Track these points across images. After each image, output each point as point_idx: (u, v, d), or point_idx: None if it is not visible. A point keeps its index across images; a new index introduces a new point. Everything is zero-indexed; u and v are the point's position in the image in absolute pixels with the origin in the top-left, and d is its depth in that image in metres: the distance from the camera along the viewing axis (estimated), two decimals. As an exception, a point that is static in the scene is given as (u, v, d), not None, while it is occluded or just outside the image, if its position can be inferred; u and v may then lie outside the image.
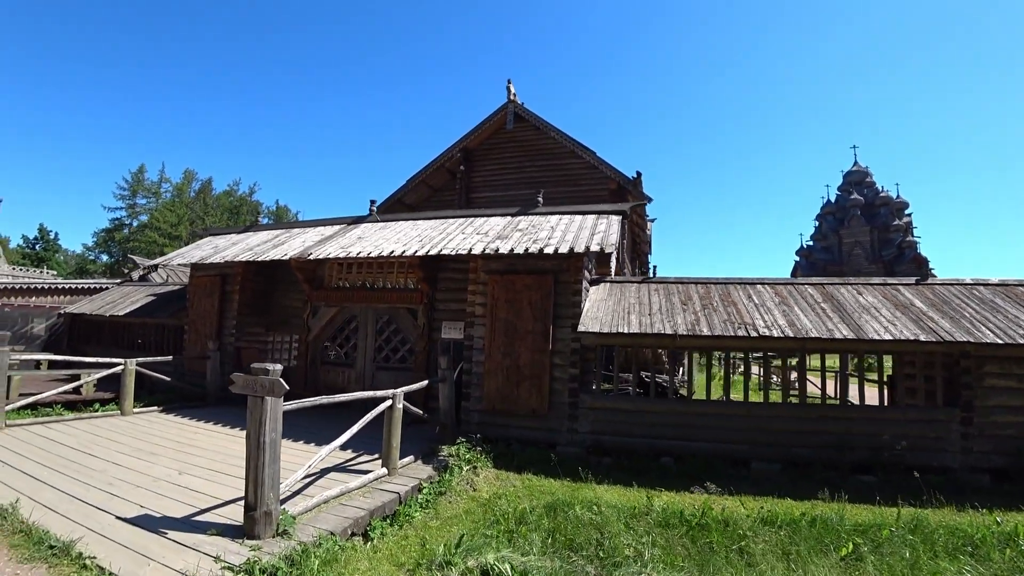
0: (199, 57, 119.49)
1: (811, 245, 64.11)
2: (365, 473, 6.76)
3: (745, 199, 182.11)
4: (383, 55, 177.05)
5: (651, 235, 22.04)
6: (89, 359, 10.96)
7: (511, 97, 19.56)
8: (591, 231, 9.85)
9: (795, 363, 14.51)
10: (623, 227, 11.33)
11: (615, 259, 12.48)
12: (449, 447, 8.35)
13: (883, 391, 10.72)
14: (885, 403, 10.46)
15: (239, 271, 12.83)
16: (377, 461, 7.39)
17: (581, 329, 9.16)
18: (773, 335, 8.93)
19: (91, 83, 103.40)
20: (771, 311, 9.79)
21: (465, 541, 4.84)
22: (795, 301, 10.24)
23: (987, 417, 8.65)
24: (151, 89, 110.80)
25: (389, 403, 6.96)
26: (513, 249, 9.30)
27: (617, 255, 12.33)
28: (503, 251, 9.30)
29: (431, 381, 8.89)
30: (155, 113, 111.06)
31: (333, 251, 10.82)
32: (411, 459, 7.73)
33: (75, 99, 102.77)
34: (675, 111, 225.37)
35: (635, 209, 13.17)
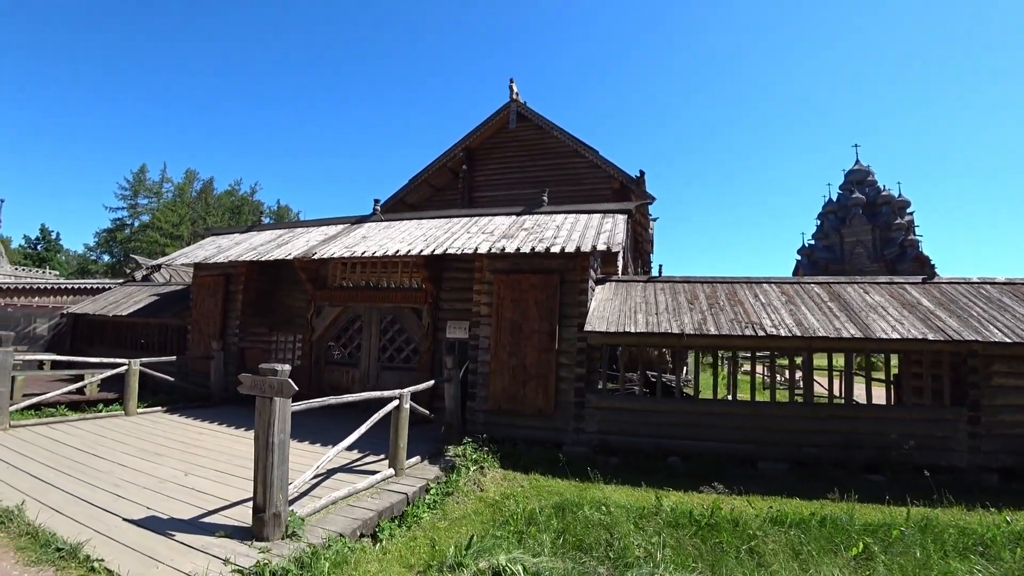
0: (200, 57, 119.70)
1: (813, 244, 64.00)
2: (372, 474, 6.73)
3: (746, 198, 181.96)
4: (384, 55, 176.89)
5: (653, 234, 21.99)
6: (93, 359, 10.92)
7: (514, 96, 19.47)
8: (597, 230, 9.79)
9: (799, 362, 14.43)
10: (627, 226, 11.26)
11: (621, 258, 12.44)
12: (455, 447, 8.31)
13: (890, 390, 10.68)
14: (892, 402, 10.42)
15: (243, 271, 12.79)
16: (383, 461, 7.36)
17: (588, 329, 9.12)
18: (780, 334, 8.89)
19: (92, 83, 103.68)
20: (778, 310, 9.75)
21: (476, 542, 4.80)
22: (802, 300, 10.19)
23: (995, 416, 8.61)
24: (152, 89, 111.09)
25: (396, 403, 6.92)
26: (519, 248, 9.24)
27: (622, 254, 12.29)
28: (509, 250, 9.25)
29: (437, 381, 8.84)
30: (156, 113, 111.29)
31: (338, 251, 10.76)
32: (417, 459, 7.70)
33: (76, 99, 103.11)
34: (676, 111, 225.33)
35: (638, 208, 13.10)
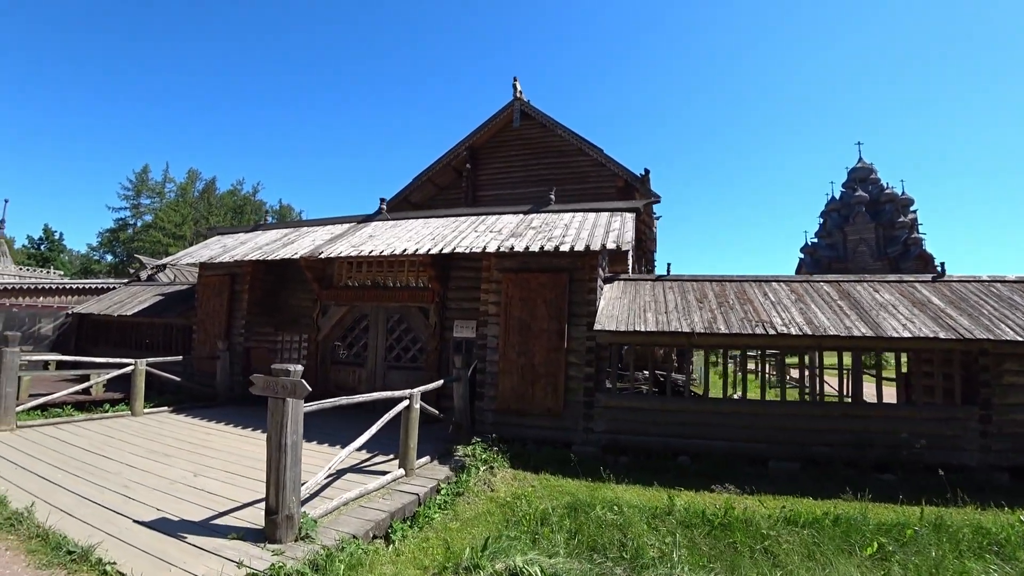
0: (200, 57, 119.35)
1: (816, 242, 63.75)
2: (382, 474, 6.68)
3: (748, 196, 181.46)
4: (384, 55, 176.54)
5: (656, 233, 21.93)
6: (99, 359, 10.89)
7: (517, 95, 19.39)
8: (605, 229, 9.73)
9: (807, 361, 14.38)
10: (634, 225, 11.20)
11: (631, 257, 12.37)
12: (464, 447, 8.26)
13: (901, 389, 10.61)
14: (902, 401, 10.35)
15: (248, 270, 12.73)
16: (393, 461, 7.32)
17: (597, 327, 9.06)
18: (791, 333, 8.84)
19: (93, 84, 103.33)
20: (788, 309, 9.69)
21: (491, 544, 4.75)
22: (811, 299, 10.14)
23: (1006, 415, 8.56)
24: (153, 89, 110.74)
25: (406, 403, 6.87)
26: (528, 247, 9.18)
27: (631, 253, 12.22)
28: (518, 249, 9.20)
29: (446, 380, 8.79)
30: (156, 113, 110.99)
31: (345, 250, 10.71)
32: (427, 459, 7.65)
33: (77, 100, 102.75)
34: (677, 110, 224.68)
35: (644, 207, 13.04)
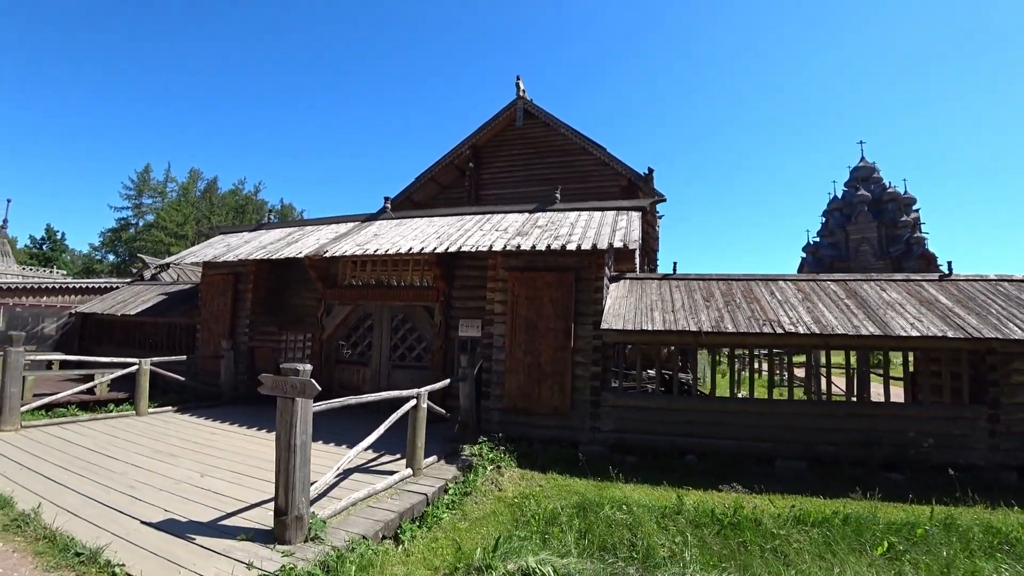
0: (202, 58, 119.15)
1: (818, 241, 63.62)
2: (389, 474, 6.63)
3: (750, 196, 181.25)
4: (384, 55, 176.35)
5: (659, 232, 21.87)
6: (103, 359, 10.84)
7: (520, 93, 19.31)
8: (612, 227, 9.67)
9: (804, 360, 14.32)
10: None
11: (638, 256, 12.33)
12: (471, 447, 8.21)
13: (908, 388, 10.57)
14: (909, 400, 10.31)
15: (252, 269, 12.68)
16: (400, 461, 7.28)
17: (604, 326, 9.01)
18: (799, 331, 8.80)
19: (93, 84, 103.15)
20: (795, 307, 9.64)
21: (502, 544, 4.70)
22: (818, 298, 10.08)
23: (1014, 414, 8.52)
24: (153, 89, 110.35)
25: (414, 403, 6.82)
26: (535, 246, 9.13)
27: (637, 252, 12.18)
28: (525, 248, 9.14)
29: (452, 380, 8.74)
30: (156, 113, 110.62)
31: (350, 248, 10.65)
32: (434, 459, 7.60)
33: (77, 100, 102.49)
34: (678, 109, 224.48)
35: (650, 205, 12.98)
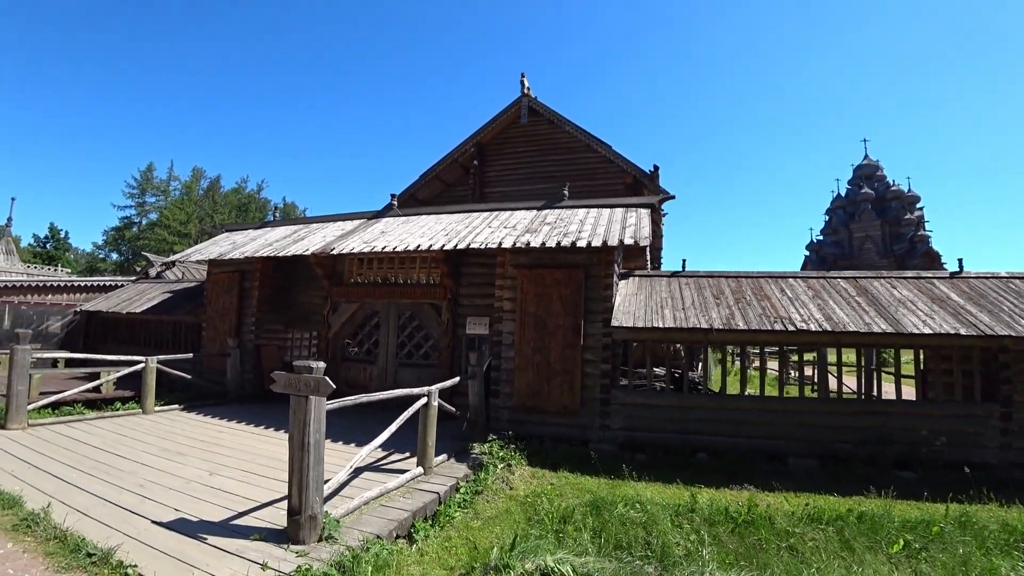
0: (202, 58, 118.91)
1: (821, 239, 63.43)
2: (400, 472, 6.57)
3: (752, 194, 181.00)
4: (384, 55, 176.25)
5: (663, 230, 21.77)
6: (109, 357, 10.77)
7: (525, 91, 19.19)
8: (621, 224, 9.59)
9: (814, 357, 14.28)
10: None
11: (648, 253, 12.24)
12: (481, 445, 8.14)
13: (919, 386, 10.50)
14: (920, 398, 10.23)
15: (258, 267, 12.62)
16: (410, 460, 7.22)
17: (615, 324, 8.94)
18: (810, 328, 8.73)
19: (93, 84, 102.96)
20: (806, 305, 9.57)
21: (519, 543, 4.64)
22: (829, 295, 10.00)
23: (1028, 413, 8.41)
24: (153, 89, 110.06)
25: (424, 401, 6.76)
26: (544, 243, 9.05)
27: (648, 249, 12.11)
28: (535, 245, 9.06)
29: (462, 378, 8.67)
30: (156, 113, 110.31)
31: (357, 246, 10.57)
32: (444, 457, 7.54)
33: (77, 100, 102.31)
34: (680, 108, 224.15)
35: (659, 202, 12.88)
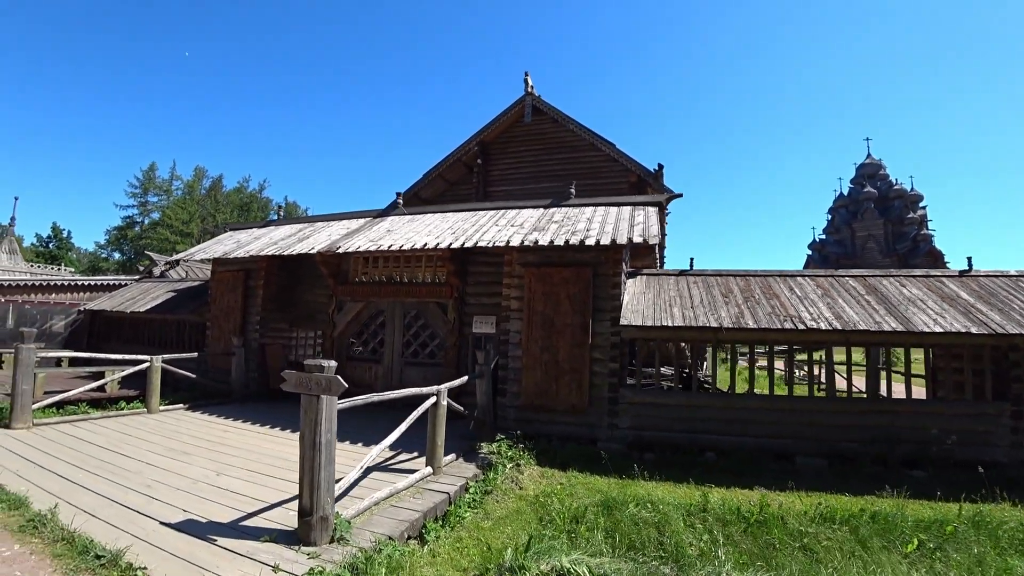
0: (202, 58, 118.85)
1: (823, 239, 63.30)
2: (409, 472, 6.51)
3: (755, 193, 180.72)
4: (384, 55, 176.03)
5: (667, 229, 21.70)
6: (114, 356, 10.72)
7: (529, 90, 19.10)
8: (629, 222, 9.52)
9: (820, 357, 14.23)
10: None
11: (657, 252, 12.17)
12: (489, 444, 8.08)
13: (928, 385, 10.43)
14: (930, 397, 10.16)
15: (263, 266, 12.56)
16: (418, 459, 7.17)
17: (624, 322, 8.87)
18: (820, 327, 8.65)
19: (94, 84, 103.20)
20: (815, 303, 9.50)
21: (534, 543, 4.57)
22: (838, 293, 9.93)
23: (1039, 411, 8.34)
24: (153, 89, 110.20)
25: (434, 400, 6.69)
26: (553, 241, 8.98)
27: (657, 248, 12.04)
28: (543, 243, 8.98)
29: (470, 377, 8.61)
30: (159, 113, 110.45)
31: (363, 244, 10.51)
32: (453, 457, 7.48)
33: (78, 100, 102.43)
34: (681, 108, 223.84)
35: (666, 200, 12.78)
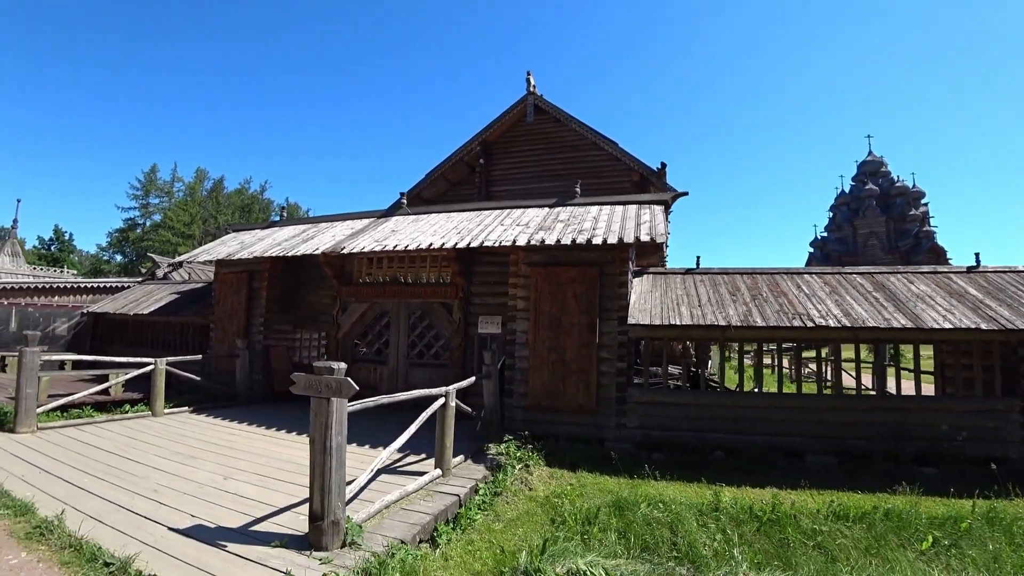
0: (202, 58, 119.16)
1: (825, 236, 63.34)
2: (418, 474, 6.46)
3: (756, 191, 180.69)
4: (384, 55, 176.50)
5: (669, 228, 21.63)
6: (118, 359, 10.66)
7: (531, 89, 19.02)
8: (636, 221, 9.46)
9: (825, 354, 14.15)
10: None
11: (664, 250, 12.11)
12: (497, 445, 8.01)
13: (937, 381, 10.37)
14: (939, 394, 10.10)
15: (267, 267, 12.50)
16: (427, 461, 7.12)
17: (632, 321, 8.81)
18: (829, 324, 8.60)
19: (94, 84, 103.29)
20: (823, 301, 9.44)
21: (549, 546, 4.52)
22: (845, 290, 9.88)
23: (1048, 407, 8.28)
24: (153, 90, 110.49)
25: (442, 401, 6.64)
26: (560, 240, 8.90)
27: (666, 246, 11.98)
28: (550, 242, 8.91)
29: (477, 377, 8.55)
30: (159, 113, 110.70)
31: (368, 244, 10.44)
32: (461, 458, 7.43)
33: (79, 100, 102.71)
34: (683, 106, 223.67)
35: (672, 199, 12.69)
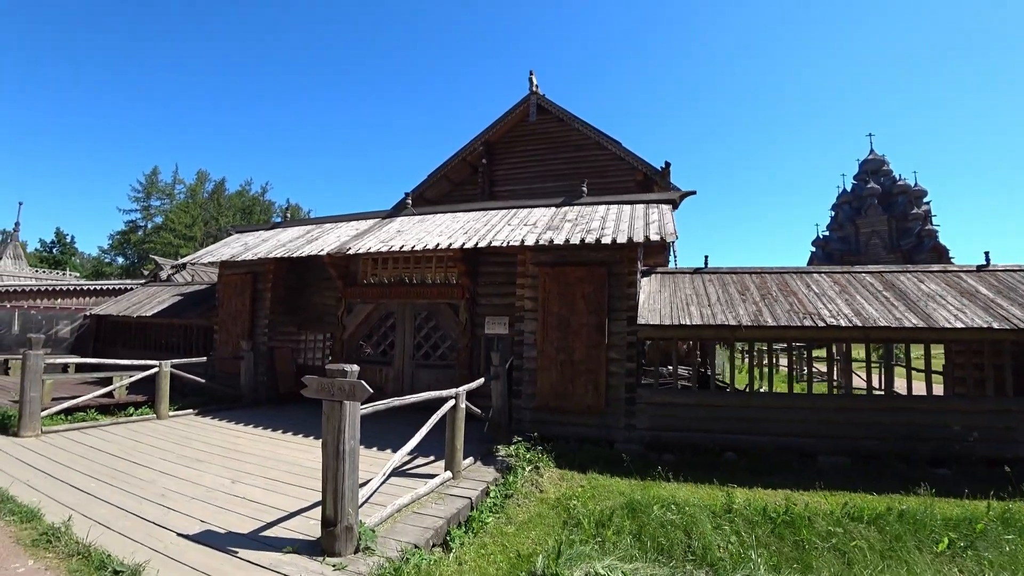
0: (202, 58, 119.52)
1: (827, 235, 63.31)
2: (428, 477, 6.38)
3: (757, 190, 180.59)
4: (384, 55, 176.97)
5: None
6: (122, 361, 10.63)
7: (533, 89, 18.94)
8: (644, 220, 9.37)
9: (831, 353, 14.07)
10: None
11: (672, 250, 12.04)
12: (506, 447, 7.92)
13: (948, 381, 10.30)
14: (950, 394, 10.02)
15: (271, 268, 12.43)
16: (436, 464, 7.05)
17: (641, 321, 8.73)
18: (840, 324, 8.52)
19: (94, 84, 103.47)
20: (833, 300, 9.36)
21: (565, 549, 4.44)
22: (855, 290, 9.80)
23: (1060, 407, 8.22)
24: (153, 90, 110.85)
25: (452, 403, 6.56)
26: (568, 240, 8.82)
27: (674, 246, 11.90)
28: (558, 242, 8.82)
29: (486, 378, 8.48)
30: (159, 114, 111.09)
31: (374, 245, 10.35)
32: (471, 461, 7.35)
33: (79, 100, 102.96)
34: (684, 106, 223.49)
35: (680, 198, 12.58)
